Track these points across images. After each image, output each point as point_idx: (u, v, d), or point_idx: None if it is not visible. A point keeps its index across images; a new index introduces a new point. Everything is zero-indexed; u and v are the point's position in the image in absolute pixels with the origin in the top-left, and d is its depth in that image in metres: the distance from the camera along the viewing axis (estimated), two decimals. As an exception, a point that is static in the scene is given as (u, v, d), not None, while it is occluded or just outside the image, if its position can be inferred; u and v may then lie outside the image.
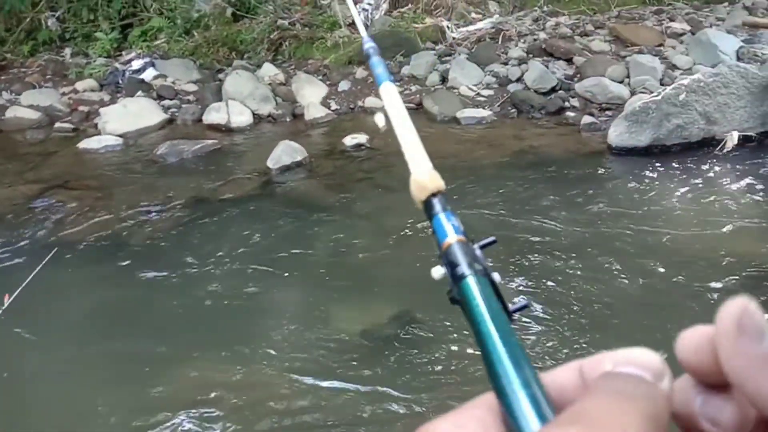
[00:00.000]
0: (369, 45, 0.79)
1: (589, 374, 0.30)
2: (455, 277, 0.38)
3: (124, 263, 3.79)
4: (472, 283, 0.37)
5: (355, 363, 2.89)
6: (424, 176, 0.48)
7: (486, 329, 0.33)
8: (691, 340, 0.31)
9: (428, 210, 0.46)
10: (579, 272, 3.43)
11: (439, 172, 0.48)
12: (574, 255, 3.59)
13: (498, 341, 0.32)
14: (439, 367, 2.82)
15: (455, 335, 2.96)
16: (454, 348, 2.90)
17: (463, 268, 0.38)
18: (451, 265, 0.39)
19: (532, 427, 0.28)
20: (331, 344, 3.01)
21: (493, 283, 0.38)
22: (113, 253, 3.91)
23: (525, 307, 0.40)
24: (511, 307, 0.38)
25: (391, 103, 0.58)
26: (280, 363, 2.89)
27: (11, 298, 2.50)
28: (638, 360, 0.30)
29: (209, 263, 3.72)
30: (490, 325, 0.33)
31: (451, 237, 0.41)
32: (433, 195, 0.47)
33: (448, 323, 3.05)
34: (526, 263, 3.54)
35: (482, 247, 0.42)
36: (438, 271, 0.41)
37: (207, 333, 3.15)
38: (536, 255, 3.61)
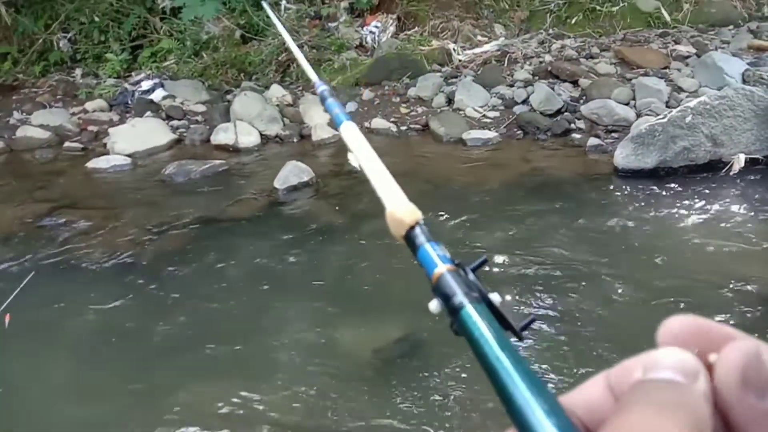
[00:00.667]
0: (323, 88, 0.78)
1: (618, 386, 0.29)
2: (452, 309, 0.37)
3: (131, 282, 3.80)
4: (471, 312, 0.35)
5: (361, 385, 2.87)
6: (399, 210, 0.46)
7: (497, 360, 0.31)
8: (675, 330, 0.30)
9: (411, 244, 0.44)
10: (585, 293, 3.41)
11: (445, 194, 0.48)
12: (579, 277, 3.58)
13: (512, 371, 0.30)
14: (447, 390, 2.80)
15: (463, 357, 2.95)
16: (462, 370, 2.88)
17: (459, 297, 0.36)
18: (446, 297, 0.37)
19: None
20: (337, 366, 3.00)
21: (492, 305, 0.37)
22: (120, 272, 3.92)
23: (532, 321, 0.39)
24: (518, 324, 0.37)
25: (354, 142, 0.58)
26: (284, 384, 2.88)
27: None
28: (668, 362, 0.28)
29: (215, 283, 3.72)
30: (500, 355, 0.32)
31: (441, 267, 0.40)
32: (412, 228, 0.45)
33: (455, 345, 3.03)
34: (531, 284, 3.52)
35: (475, 270, 0.40)
36: (434, 305, 0.39)
37: (212, 353, 3.14)
38: (541, 276, 3.60)
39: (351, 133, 0.59)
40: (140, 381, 2.95)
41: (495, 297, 0.38)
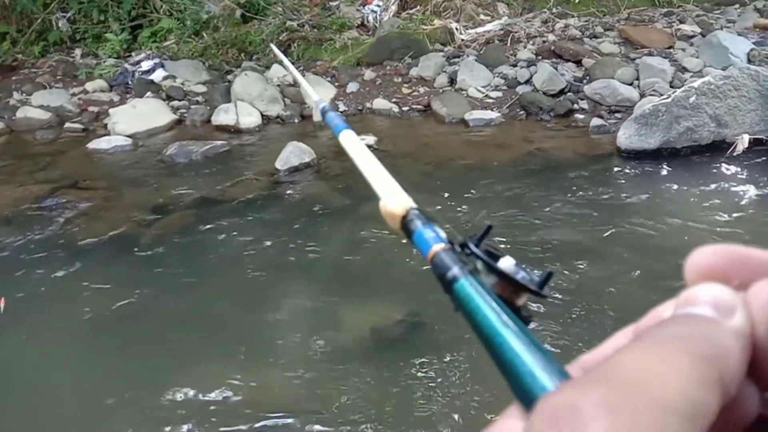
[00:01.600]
0: (323, 105, 0.89)
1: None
2: (446, 285, 0.36)
3: (133, 263, 3.80)
4: (464, 284, 0.35)
5: (362, 365, 2.88)
6: (390, 204, 0.46)
7: (490, 327, 0.31)
8: (704, 262, 0.27)
9: (407, 232, 0.45)
10: (587, 274, 3.41)
11: (447, 175, 0.48)
12: (582, 257, 3.57)
13: (506, 335, 0.30)
14: (447, 370, 2.82)
15: (463, 338, 2.96)
16: (463, 351, 2.90)
17: (452, 272, 0.36)
18: (441, 275, 0.37)
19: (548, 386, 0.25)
20: (338, 346, 3.01)
21: (501, 273, 0.36)
22: (122, 253, 3.92)
23: (549, 276, 0.37)
24: (536, 280, 0.36)
25: (352, 147, 0.64)
26: (286, 364, 2.89)
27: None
28: (701, 297, 0.25)
29: (217, 264, 3.73)
30: (493, 321, 0.31)
31: (434, 247, 0.40)
32: (405, 217, 0.45)
33: (456, 326, 3.04)
34: (534, 265, 3.52)
35: (481, 240, 0.39)
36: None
37: (214, 334, 3.15)
38: (544, 257, 3.59)
39: (349, 139, 0.67)
40: (141, 360, 2.96)
41: (507, 261, 0.37)
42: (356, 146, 0.63)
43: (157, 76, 6.98)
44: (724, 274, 0.26)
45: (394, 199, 0.47)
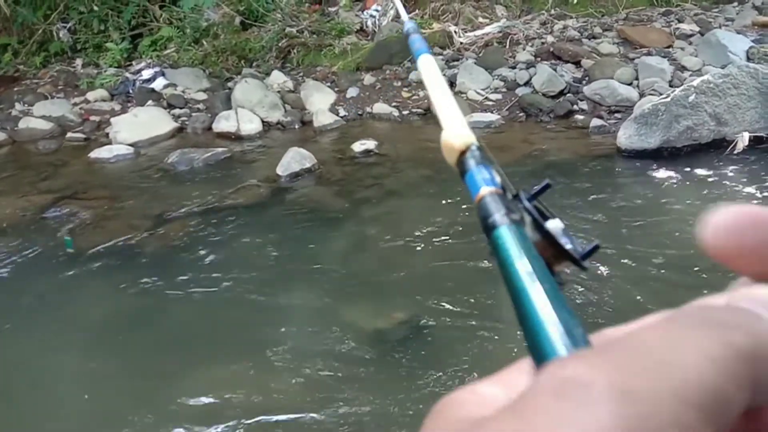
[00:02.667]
0: (409, 25, 0.86)
1: None
2: (486, 230, 0.34)
3: (136, 271, 3.81)
4: (503, 232, 0.33)
5: (366, 367, 2.89)
6: (451, 137, 0.44)
7: (519, 279, 0.30)
8: (731, 223, 0.24)
9: (461, 169, 0.42)
10: (586, 274, 3.42)
11: (448, 177, 0.48)
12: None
13: (535, 290, 0.28)
14: (450, 371, 2.82)
15: (466, 339, 2.96)
16: (465, 353, 2.90)
17: (494, 218, 0.34)
18: (484, 219, 0.35)
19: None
20: (342, 349, 3.02)
21: (547, 233, 0.35)
22: (125, 262, 3.93)
23: (595, 249, 0.35)
24: (580, 250, 0.35)
25: (427, 72, 0.61)
26: (292, 368, 2.90)
27: None
28: (761, 295, 0.22)
29: (220, 271, 3.73)
30: (523, 273, 0.30)
31: (483, 190, 0.38)
32: (464, 153, 0.43)
33: (459, 327, 3.04)
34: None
35: (535, 195, 0.38)
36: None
37: (218, 339, 3.16)
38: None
39: (427, 64, 0.64)
40: (145, 367, 2.97)
41: (555, 224, 0.36)
42: (432, 72, 0.60)
43: (158, 84, 7.00)
44: (748, 237, 0.24)
45: (456, 132, 0.45)
